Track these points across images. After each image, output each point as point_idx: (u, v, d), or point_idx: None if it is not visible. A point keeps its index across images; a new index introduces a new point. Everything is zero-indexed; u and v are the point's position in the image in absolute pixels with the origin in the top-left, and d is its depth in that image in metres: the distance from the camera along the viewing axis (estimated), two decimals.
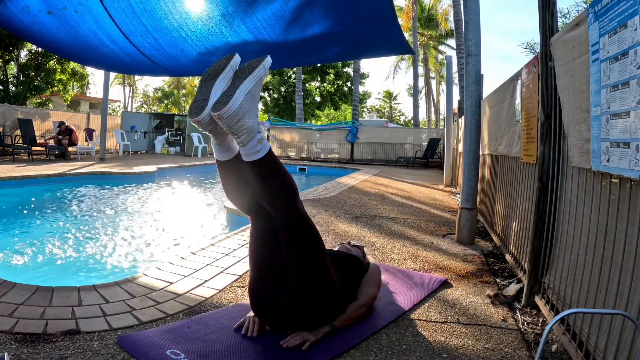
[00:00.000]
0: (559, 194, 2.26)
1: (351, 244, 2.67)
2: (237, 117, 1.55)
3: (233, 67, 1.67)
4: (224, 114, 1.52)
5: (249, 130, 1.59)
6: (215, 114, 1.54)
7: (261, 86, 1.68)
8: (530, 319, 2.24)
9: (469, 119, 3.97)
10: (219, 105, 1.53)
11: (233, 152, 1.75)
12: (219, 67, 1.65)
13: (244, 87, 1.58)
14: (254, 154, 1.62)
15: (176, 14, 3.02)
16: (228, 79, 1.65)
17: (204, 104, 1.58)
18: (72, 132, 11.62)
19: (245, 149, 1.62)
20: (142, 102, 44.83)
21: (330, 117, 32.64)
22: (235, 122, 1.55)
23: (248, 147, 1.61)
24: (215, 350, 1.75)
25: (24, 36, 3.63)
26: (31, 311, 2.01)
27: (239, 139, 1.60)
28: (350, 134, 16.22)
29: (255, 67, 1.64)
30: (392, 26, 3.15)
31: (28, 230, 4.52)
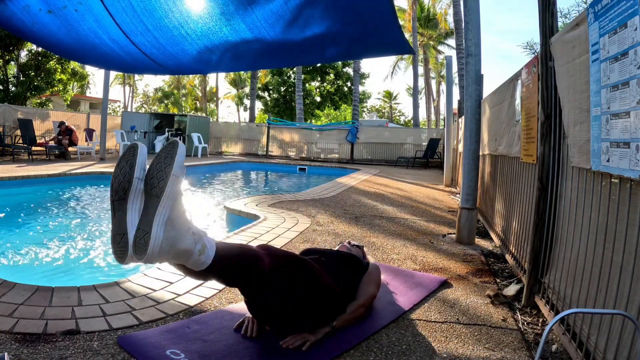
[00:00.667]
0: (559, 194, 2.26)
1: (351, 243, 2.67)
2: (165, 251, 1.38)
3: (140, 177, 1.41)
4: (150, 258, 1.35)
5: (184, 254, 1.44)
6: (140, 261, 1.36)
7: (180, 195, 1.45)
8: (530, 319, 2.24)
9: (469, 119, 3.97)
10: (140, 250, 1.34)
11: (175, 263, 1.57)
12: (125, 179, 1.39)
13: (159, 216, 1.37)
14: (200, 265, 1.51)
15: (176, 13, 3.02)
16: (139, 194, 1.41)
17: (124, 241, 1.36)
18: (72, 132, 11.62)
19: (189, 265, 1.50)
20: (142, 102, 44.84)
21: (330, 117, 32.64)
22: (164, 256, 1.40)
23: (190, 264, 1.49)
24: (215, 350, 1.75)
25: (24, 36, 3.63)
26: (31, 311, 2.01)
27: (178, 262, 1.49)
28: (350, 134, 16.22)
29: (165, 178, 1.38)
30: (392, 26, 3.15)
31: (28, 230, 4.52)
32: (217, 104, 44.73)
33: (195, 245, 1.46)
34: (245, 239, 3.51)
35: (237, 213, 4.81)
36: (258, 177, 12.09)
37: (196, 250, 1.47)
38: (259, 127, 18.10)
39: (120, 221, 1.38)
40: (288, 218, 4.45)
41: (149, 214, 1.37)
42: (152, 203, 1.38)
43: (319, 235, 3.84)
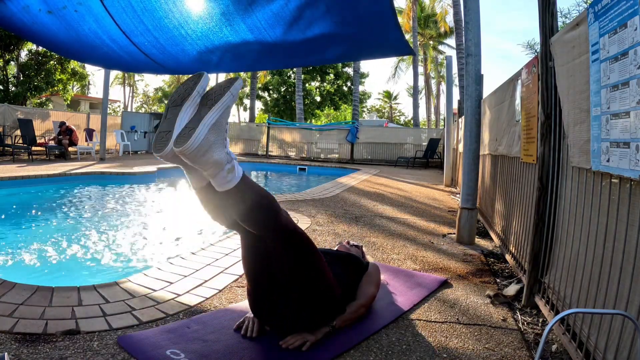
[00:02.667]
0: (559, 194, 2.26)
1: (350, 243, 2.67)
2: (201, 152, 1.46)
3: (200, 91, 1.55)
4: (186, 149, 1.43)
5: (215, 164, 1.51)
6: (177, 150, 1.45)
7: (229, 113, 1.57)
8: (530, 319, 2.24)
9: (469, 119, 3.97)
10: (181, 140, 1.44)
11: (206, 180, 1.65)
12: (185, 92, 1.54)
13: (208, 119, 1.48)
14: (224, 184, 1.56)
15: (176, 13, 3.02)
16: (195, 105, 1.54)
17: (168, 136, 1.48)
18: (72, 132, 11.62)
19: (214, 181, 1.56)
20: (142, 102, 44.84)
21: (330, 117, 32.66)
22: (199, 157, 1.47)
23: (217, 180, 1.55)
24: (215, 350, 1.75)
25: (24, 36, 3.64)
26: (31, 311, 2.01)
27: (206, 172, 1.54)
28: (350, 134, 16.22)
29: (222, 94, 1.53)
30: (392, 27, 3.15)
31: (28, 230, 4.52)
32: None
33: (227, 162, 1.54)
34: None
35: None
36: (258, 177, 12.09)
37: (226, 167, 1.54)
38: (259, 127, 18.10)
39: (170, 121, 1.52)
40: None
41: (199, 117, 1.50)
42: (205, 110, 1.51)
43: (319, 235, 3.84)
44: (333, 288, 1.91)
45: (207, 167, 1.51)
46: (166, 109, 1.57)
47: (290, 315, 1.82)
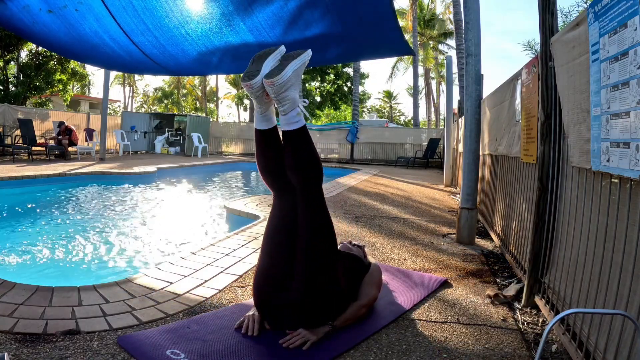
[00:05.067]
0: (559, 194, 2.26)
1: (352, 243, 2.67)
2: (285, 87, 1.74)
3: (281, 52, 1.89)
4: (276, 81, 1.71)
5: (292, 101, 1.79)
6: (267, 81, 1.73)
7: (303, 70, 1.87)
8: (530, 319, 2.24)
9: (469, 119, 3.98)
10: (272, 74, 1.74)
11: (272, 123, 1.92)
12: (269, 51, 1.86)
13: (293, 65, 1.78)
14: (293, 123, 1.81)
15: (177, 12, 3.02)
16: (276, 61, 1.85)
17: (257, 73, 1.78)
18: (71, 132, 11.61)
19: (286, 117, 1.81)
20: (142, 102, 44.84)
21: (330, 117, 32.65)
22: (282, 90, 1.74)
23: (288, 117, 1.80)
24: (215, 350, 1.75)
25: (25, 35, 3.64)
26: (31, 311, 2.01)
27: (282, 107, 1.79)
28: (350, 134, 16.22)
29: (300, 53, 1.85)
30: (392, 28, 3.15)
31: (28, 230, 4.52)
32: (217, 104, 44.73)
33: (299, 105, 1.83)
34: (245, 239, 3.52)
35: (237, 213, 4.81)
36: (258, 177, 12.08)
37: (298, 107, 1.82)
38: None
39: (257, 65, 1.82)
40: None
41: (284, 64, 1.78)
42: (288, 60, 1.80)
43: None
44: (339, 280, 1.95)
45: (285, 101, 1.77)
46: (251, 61, 1.86)
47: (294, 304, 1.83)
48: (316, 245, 1.88)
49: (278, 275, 1.89)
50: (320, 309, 1.88)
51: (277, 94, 1.76)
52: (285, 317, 1.87)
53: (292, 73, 1.77)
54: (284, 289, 1.86)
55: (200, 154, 15.11)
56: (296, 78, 1.81)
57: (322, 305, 1.88)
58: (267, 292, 1.89)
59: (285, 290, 1.86)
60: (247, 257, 3.06)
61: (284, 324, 1.89)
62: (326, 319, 1.91)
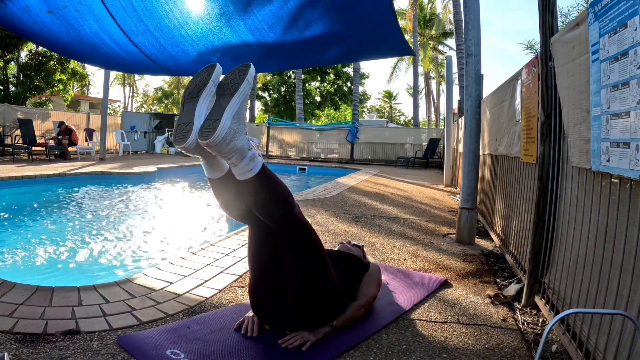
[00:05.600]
0: (559, 194, 2.26)
1: (351, 243, 2.68)
2: (226, 142, 1.48)
3: (215, 81, 1.57)
4: (213, 141, 1.44)
5: (240, 152, 1.53)
6: (203, 143, 1.46)
7: (247, 100, 1.59)
8: (530, 319, 2.24)
9: (469, 119, 3.98)
10: (207, 132, 1.45)
11: (224, 170, 1.69)
12: (200, 82, 1.55)
13: (230, 108, 1.49)
14: (247, 172, 1.58)
15: (177, 13, 3.03)
16: (211, 96, 1.55)
17: (189, 128, 1.49)
18: (71, 132, 11.61)
19: (237, 169, 1.58)
20: (142, 102, 44.85)
21: (330, 117, 32.65)
22: (224, 146, 1.48)
23: (240, 168, 1.57)
24: (215, 350, 1.75)
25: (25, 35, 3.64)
26: (31, 311, 2.01)
27: (230, 160, 1.56)
28: (350, 134, 16.22)
29: (239, 82, 1.54)
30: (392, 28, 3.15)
31: (28, 230, 4.52)
32: None
33: (249, 150, 1.57)
34: (245, 239, 3.52)
35: None
36: None
37: (248, 155, 1.57)
38: (259, 127, 18.10)
39: (188, 113, 1.53)
40: None
41: (220, 107, 1.51)
42: (224, 99, 1.52)
43: (319, 235, 3.83)
44: (335, 287, 1.91)
45: (231, 155, 1.53)
46: (182, 102, 1.58)
47: (291, 312, 1.82)
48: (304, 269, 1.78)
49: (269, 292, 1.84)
50: (318, 310, 1.88)
51: (219, 152, 1.51)
52: (284, 319, 1.87)
53: (230, 122, 1.49)
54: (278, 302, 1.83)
55: None
56: (238, 122, 1.52)
57: (319, 307, 1.88)
58: (262, 306, 1.88)
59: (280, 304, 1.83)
60: (247, 257, 3.06)
61: (283, 325, 1.88)
62: (325, 320, 1.91)
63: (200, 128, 1.48)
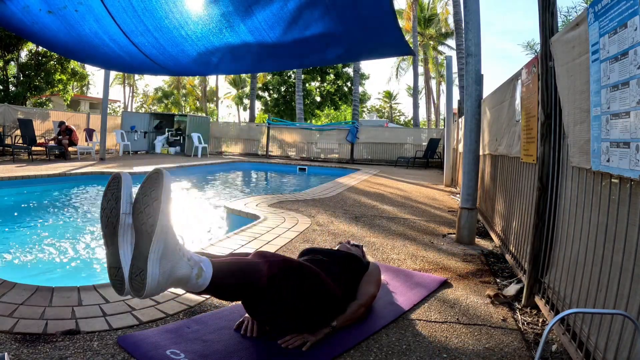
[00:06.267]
0: (559, 194, 2.26)
1: (350, 243, 2.68)
2: (163, 284, 1.37)
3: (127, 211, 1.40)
4: (148, 294, 1.34)
5: (182, 280, 1.44)
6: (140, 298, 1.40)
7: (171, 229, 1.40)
8: (530, 319, 2.24)
9: (469, 119, 3.98)
10: (137, 286, 1.34)
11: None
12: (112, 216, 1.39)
13: (154, 254, 1.34)
14: (199, 288, 1.51)
15: (177, 13, 3.03)
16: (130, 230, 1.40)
17: (120, 275, 1.37)
18: (71, 132, 11.61)
19: (187, 289, 1.54)
20: (142, 102, 44.85)
21: (330, 117, 32.66)
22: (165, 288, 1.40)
23: (190, 289, 1.52)
24: (215, 350, 1.75)
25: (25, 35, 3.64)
26: (31, 311, 2.01)
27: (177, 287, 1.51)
28: (350, 134, 16.22)
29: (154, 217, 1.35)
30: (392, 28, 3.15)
31: (28, 230, 4.52)
32: (217, 104, 44.75)
33: (192, 270, 1.45)
34: (245, 239, 3.51)
35: (237, 213, 4.81)
36: (258, 177, 12.09)
37: (193, 275, 1.46)
38: (259, 127, 18.10)
39: (113, 255, 1.38)
40: (288, 218, 4.45)
41: (142, 250, 1.35)
42: (144, 240, 1.35)
43: (319, 235, 3.84)
44: (334, 294, 1.92)
45: (176, 286, 1.47)
46: (103, 237, 1.43)
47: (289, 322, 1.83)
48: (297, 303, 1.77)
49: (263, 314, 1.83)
50: (317, 315, 1.88)
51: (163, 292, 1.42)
52: (284, 323, 1.87)
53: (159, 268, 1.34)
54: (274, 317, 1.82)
55: (200, 154, 15.11)
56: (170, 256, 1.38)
57: (318, 312, 1.88)
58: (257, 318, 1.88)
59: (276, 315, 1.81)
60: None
61: (283, 328, 1.88)
62: (325, 320, 1.91)
63: (129, 278, 1.36)
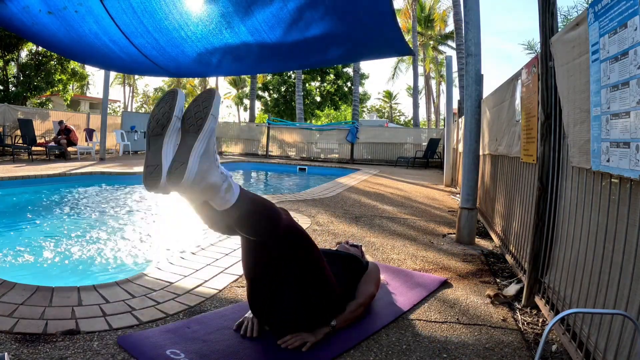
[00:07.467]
0: (559, 194, 2.26)
1: (349, 243, 2.68)
2: (197, 183, 1.44)
3: (178, 114, 1.48)
4: (182, 186, 1.40)
5: (213, 188, 1.49)
6: (173, 188, 1.43)
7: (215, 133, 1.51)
8: (530, 319, 2.24)
9: (469, 119, 3.98)
10: (174, 177, 1.40)
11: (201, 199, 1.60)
12: (163, 117, 1.47)
13: (197, 149, 1.43)
14: (224, 204, 1.54)
15: (177, 14, 3.03)
16: (176, 132, 1.48)
17: (157, 171, 1.42)
18: (70, 131, 11.61)
19: (213, 203, 1.54)
20: (142, 102, 44.86)
21: (330, 117, 32.66)
22: (195, 187, 1.45)
23: (216, 201, 1.54)
24: (215, 350, 1.75)
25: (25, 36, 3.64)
26: (31, 311, 2.01)
27: (204, 197, 1.53)
28: (350, 134, 16.22)
29: (204, 117, 1.46)
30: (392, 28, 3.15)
31: (28, 230, 4.52)
32: None
33: (223, 182, 1.52)
34: None
35: None
36: (258, 177, 12.10)
37: (223, 187, 1.52)
38: (259, 127, 18.10)
39: (155, 154, 1.44)
40: None
41: (186, 147, 1.44)
42: (190, 138, 1.45)
43: (319, 235, 3.84)
44: (333, 287, 1.92)
45: (205, 193, 1.50)
46: (147, 139, 1.49)
47: (290, 314, 1.83)
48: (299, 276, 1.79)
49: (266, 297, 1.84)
50: (317, 312, 1.88)
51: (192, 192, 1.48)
52: (283, 323, 1.87)
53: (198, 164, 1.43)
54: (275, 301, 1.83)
55: None
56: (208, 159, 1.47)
57: (318, 309, 1.88)
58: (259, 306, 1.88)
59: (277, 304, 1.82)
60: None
61: (283, 327, 1.88)
62: (325, 320, 1.91)
63: (168, 172, 1.41)
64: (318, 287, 1.85)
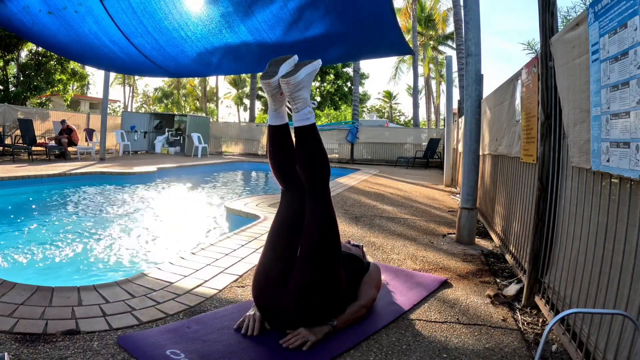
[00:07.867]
0: (559, 194, 2.26)
1: (351, 243, 2.68)
2: (299, 87, 1.92)
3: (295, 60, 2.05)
4: (291, 80, 1.89)
5: (304, 100, 1.95)
6: (283, 80, 1.91)
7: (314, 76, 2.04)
8: (530, 319, 2.24)
9: (469, 119, 3.98)
10: (287, 75, 1.92)
11: (284, 120, 2.09)
12: (284, 58, 2.04)
13: (306, 69, 1.97)
14: (304, 120, 1.96)
15: (176, 15, 3.02)
16: (291, 66, 2.01)
17: (274, 74, 1.96)
18: (72, 131, 11.61)
19: (298, 115, 1.97)
20: (142, 102, 44.85)
21: (330, 117, 32.65)
22: (296, 90, 1.92)
23: (300, 114, 1.96)
24: (215, 350, 1.75)
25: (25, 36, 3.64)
26: (31, 311, 2.01)
27: (295, 105, 1.95)
28: (350, 134, 16.22)
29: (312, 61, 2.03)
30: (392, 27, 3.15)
31: (28, 230, 4.52)
32: (217, 104, 44.73)
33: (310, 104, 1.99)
34: (245, 239, 3.52)
35: (237, 213, 4.81)
36: (258, 177, 12.09)
37: (309, 106, 1.98)
38: (259, 127, 18.10)
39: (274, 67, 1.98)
40: None
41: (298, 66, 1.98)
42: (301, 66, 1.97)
43: None
44: (341, 282, 1.95)
45: (298, 100, 1.94)
46: (268, 64, 2.02)
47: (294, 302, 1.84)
48: (321, 243, 1.92)
49: (279, 273, 1.90)
50: (320, 309, 1.88)
51: (292, 93, 1.93)
52: (285, 316, 1.87)
53: (305, 76, 1.96)
54: (283, 287, 1.87)
55: (200, 154, 15.11)
56: (308, 81, 1.99)
57: (321, 305, 1.88)
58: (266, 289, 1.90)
59: (284, 289, 1.87)
60: (247, 257, 3.06)
61: (284, 323, 1.89)
62: (326, 319, 1.91)
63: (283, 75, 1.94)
64: (327, 277, 1.89)
